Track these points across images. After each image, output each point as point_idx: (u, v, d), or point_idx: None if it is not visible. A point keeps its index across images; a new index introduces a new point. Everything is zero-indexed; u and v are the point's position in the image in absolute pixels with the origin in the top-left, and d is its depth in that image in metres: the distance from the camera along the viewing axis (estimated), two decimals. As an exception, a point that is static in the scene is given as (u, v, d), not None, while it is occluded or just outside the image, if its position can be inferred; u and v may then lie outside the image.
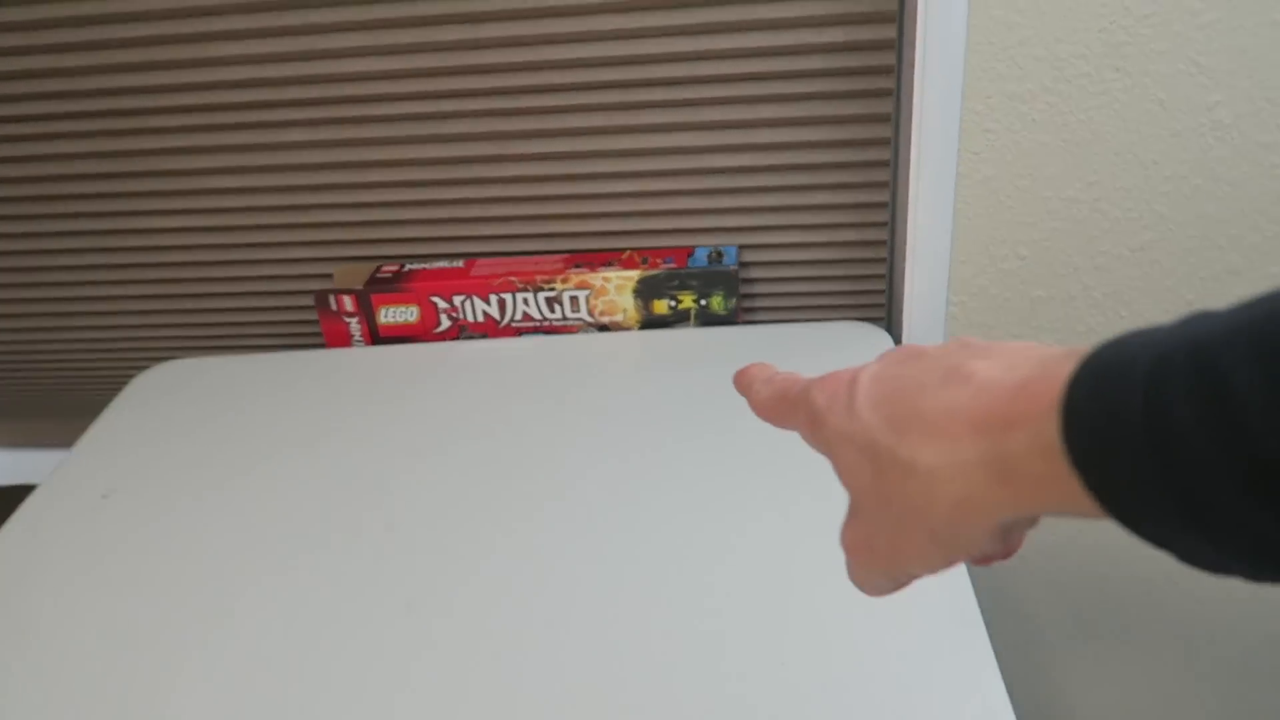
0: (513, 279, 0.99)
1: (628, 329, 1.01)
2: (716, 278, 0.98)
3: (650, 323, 1.01)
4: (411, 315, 1.02)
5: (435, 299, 1.01)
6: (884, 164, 0.95)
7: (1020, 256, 0.90)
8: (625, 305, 1.00)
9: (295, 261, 1.06)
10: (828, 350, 0.95)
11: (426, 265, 1.03)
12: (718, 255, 0.99)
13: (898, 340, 0.97)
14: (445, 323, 1.02)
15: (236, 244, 1.05)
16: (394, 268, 1.03)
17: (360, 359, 1.01)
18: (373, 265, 1.04)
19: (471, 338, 1.02)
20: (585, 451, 0.83)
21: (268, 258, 1.06)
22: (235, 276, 1.07)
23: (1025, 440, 0.26)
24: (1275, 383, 0.19)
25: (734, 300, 0.99)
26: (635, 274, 0.98)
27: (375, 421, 0.90)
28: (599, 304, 1.00)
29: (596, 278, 0.98)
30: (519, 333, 1.02)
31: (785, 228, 1.01)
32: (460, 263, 1.03)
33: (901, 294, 0.95)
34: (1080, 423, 0.24)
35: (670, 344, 0.98)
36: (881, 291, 1.02)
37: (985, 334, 0.95)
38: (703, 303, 0.99)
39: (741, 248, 1.02)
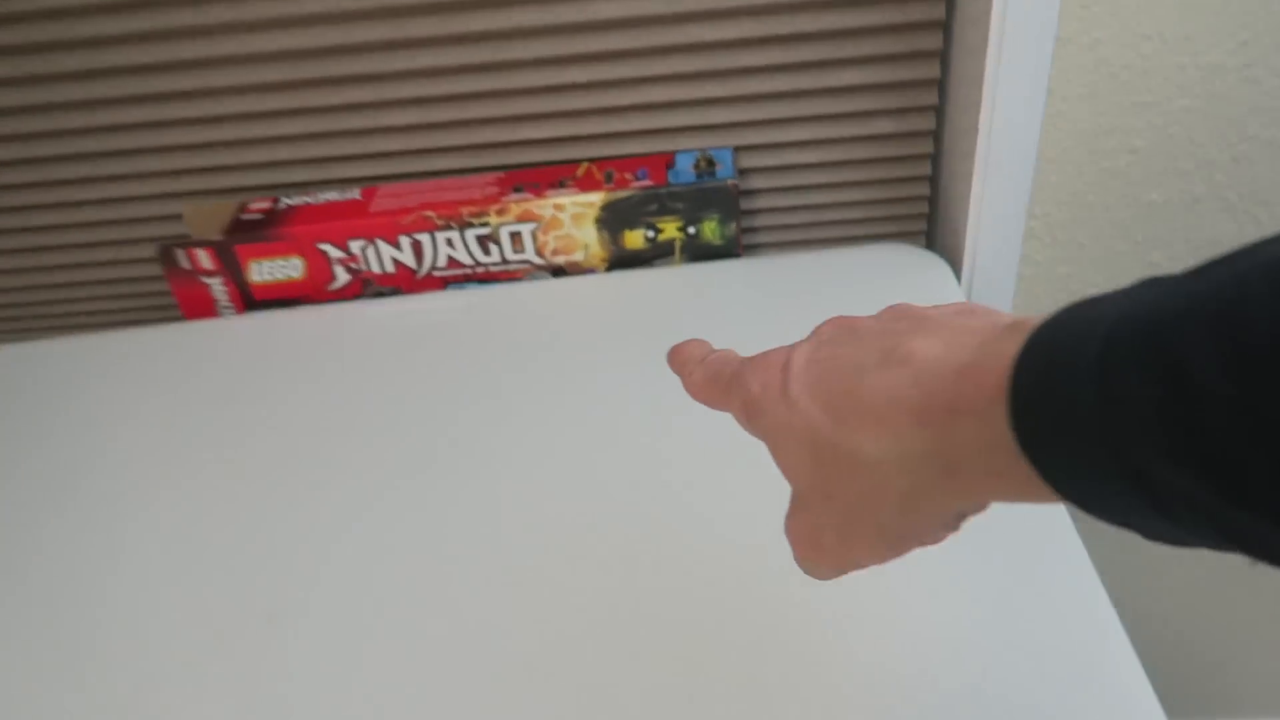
0: (429, 213, 0.72)
1: (591, 272, 0.76)
2: (709, 196, 0.72)
3: (621, 261, 0.75)
4: (294, 269, 0.74)
5: (324, 246, 0.73)
6: (935, 26, 0.68)
7: (1133, 150, 0.65)
8: (586, 240, 0.74)
9: (127, 201, 0.77)
10: (864, 284, 0.70)
11: (309, 199, 0.75)
12: (707, 164, 0.73)
13: (956, 269, 0.73)
14: (342, 277, 0.75)
15: (44, 182, 0.76)
16: (264, 204, 0.75)
17: (229, 332, 0.74)
18: (236, 202, 0.76)
19: (380, 294, 0.76)
20: (541, 443, 0.59)
21: (88, 198, 0.77)
22: (48, 226, 0.78)
23: (972, 431, 0.24)
24: (1231, 367, 0.18)
25: (733, 225, 0.73)
26: (597, 197, 0.71)
27: (253, 417, 0.65)
28: (550, 240, 0.74)
29: (544, 205, 0.72)
30: (444, 284, 0.76)
31: (795, 120, 0.74)
32: (355, 193, 0.75)
33: (956, 207, 0.71)
34: (1030, 413, 0.22)
35: (650, 289, 0.73)
36: (924, 198, 0.77)
37: (1077, 254, 0.71)
38: (691, 231, 0.73)
39: (738, 151, 0.75)
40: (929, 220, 0.79)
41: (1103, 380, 0.20)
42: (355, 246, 0.73)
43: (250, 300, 0.76)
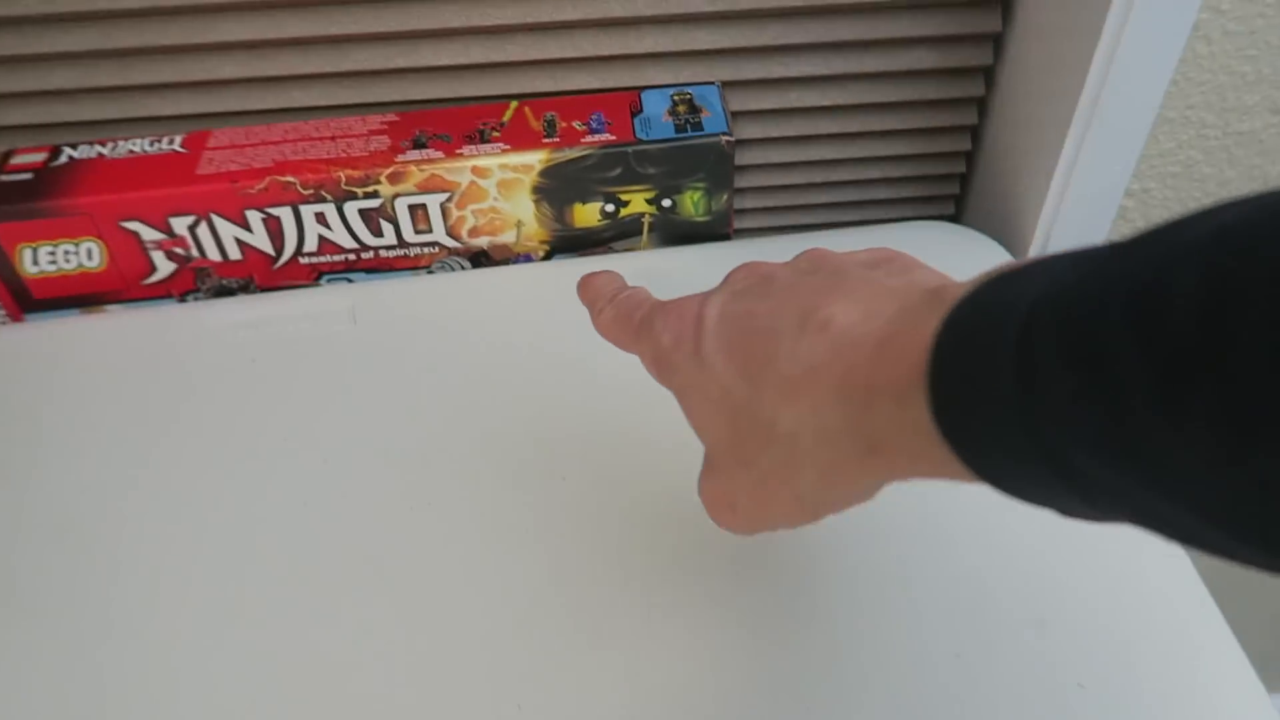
0: (289, 179, 0.49)
1: (526, 259, 0.55)
2: (692, 157, 0.51)
3: (568, 245, 0.54)
4: (90, 257, 0.51)
5: (132, 224, 0.50)
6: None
7: (1278, 109, 0.48)
8: (520, 215, 0.53)
9: None
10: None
11: (106, 150, 0.51)
12: (687, 108, 0.52)
13: (1016, 254, 0.55)
14: (164, 267, 0.52)
15: None
16: (36, 156, 0.51)
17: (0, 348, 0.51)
18: (-6, 152, 0.52)
19: (223, 290, 0.53)
20: (459, 525, 0.40)
21: None
22: None
23: (892, 412, 0.24)
24: (1149, 356, 0.17)
25: (724, 196, 0.53)
26: (535, 158, 0.50)
27: (19, 466, 0.43)
28: (468, 216, 0.52)
29: (458, 168, 0.50)
30: (316, 276, 0.54)
31: (803, 49, 0.54)
32: (176, 141, 0.52)
33: (1021, 181, 0.52)
34: (949, 399, 0.22)
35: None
36: (962, 152, 0.58)
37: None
38: (666, 204, 0.53)
39: (726, 89, 0.55)
40: (960, 194, 0.61)
41: (1021, 366, 0.20)
42: (180, 225, 0.50)
43: (26, 300, 0.52)
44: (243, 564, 0.41)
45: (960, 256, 0.54)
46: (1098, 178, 0.49)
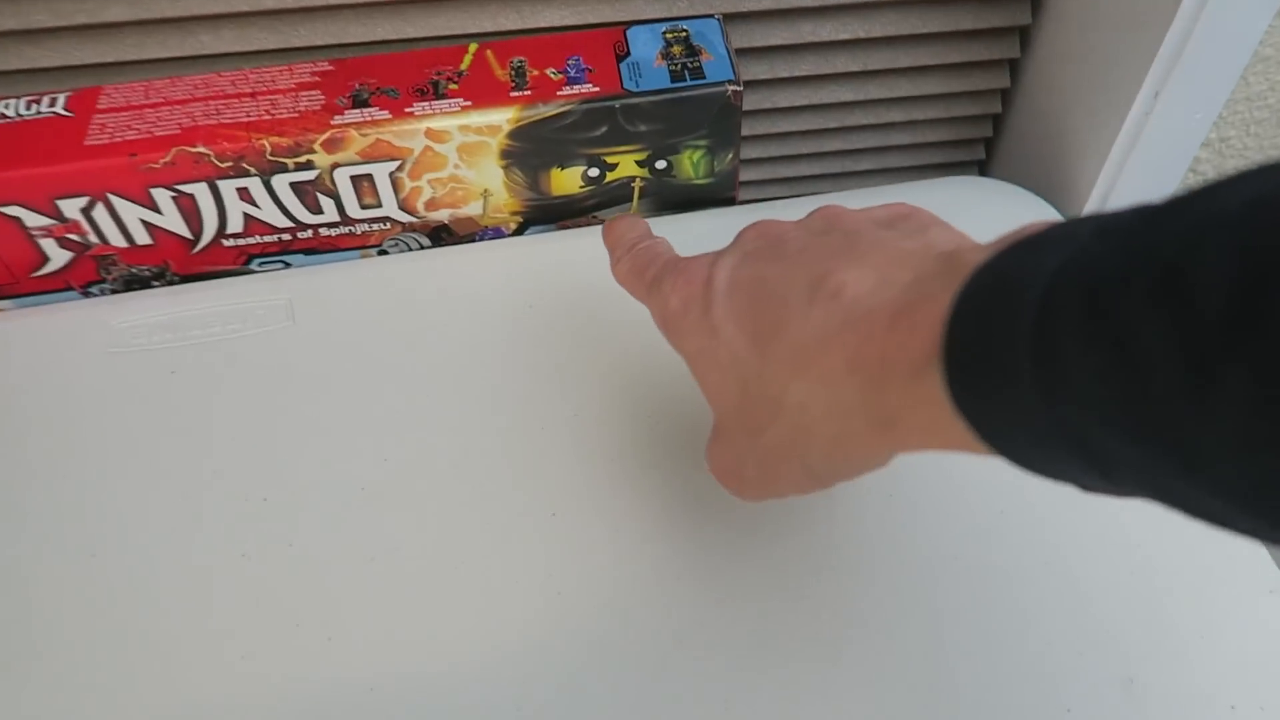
0: (201, 149, 0.40)
1: (496, 234, 0.46)
2: (691, 109, 0.43)
3: (545, 215, 0.46)
4: (-37, 249, 0.42)
5: (9, 209, 0.41)
6: None
7: (1396, 40, 0.40)
8: (486, 184, 0.44)
9: None
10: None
11: (-28, 115, 0.42)
12: (684, 50, 0.43)
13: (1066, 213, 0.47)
14: (58, 257, 0.43)
15: None
16: (-114, 127, 0.41)
17: None
18: None
19: (134, 279, 0.45)
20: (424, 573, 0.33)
21: None
22: None
23: (906, 386, 0.23)
24: (1175, 338, 0.16)
25: (730, 155, 0.45)
26: (502, 116, 0.41)
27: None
28: (424, 187, 0.43)
29: (409, 130, 0.41)
30: (244, 259, 0.45)
31: (826, -30, 0.45)
32: (60, 103, 0.42)
33: (1072, 133, 0.44)
34: (965, 375, 0.21)
35: (593, 261, 0.44)
36: (995, 93, 0.50)
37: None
38: (661, 166, 0.45)
39: (727, 22, 0.46)
40: (992, 139, 0.53)
41: (1040, 343, 0.19)
42: (70, 208, 0.41)
43: (-109, 302, 0.43)
44: (160, 635, 0.33)
45: (998, 216, 0.46)
46: (1176, 123, 0.41)
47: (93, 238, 0.42)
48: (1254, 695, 0.32)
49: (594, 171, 0.44)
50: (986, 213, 0.46)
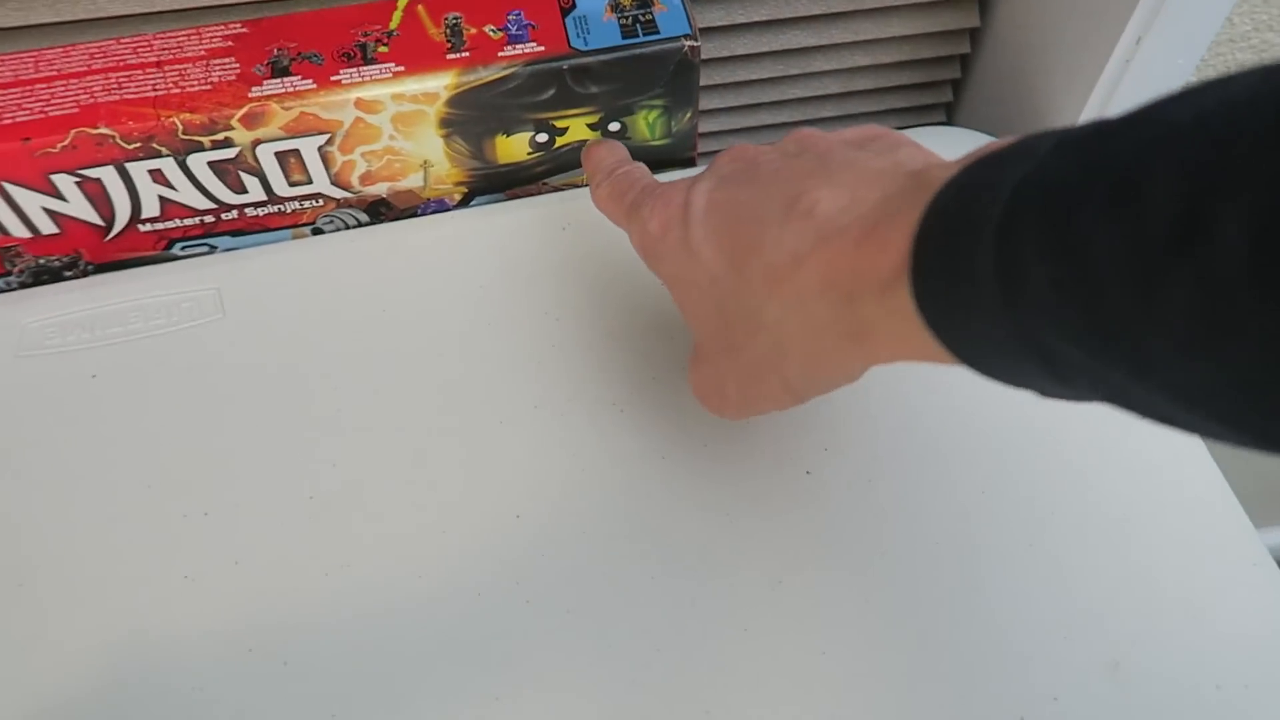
0: (104, 129, 0.36)
1: (441, 206, 0.43)
2: (646, 68, 0.39)
3: (490, 184, 0.43)
4: None
5: (-107, 204, 0.37)
6: None
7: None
8: (426, 154, 0.40)
9: None
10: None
11: None
12: (635, 1, 0.40)
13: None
14: (-47, 251, 0.39)
15: None
16: None
17: None
18: None
19: (43, 272, 0.41)
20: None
21: None
22: None
23: (876, 301, 0.24)
24: (1127, 248, 0.17)
25: (688, 115, 0.42)
26: (439, 82, 0.38)
27: None
28: (357, 160, 0.40)
29: (337, 101, 0.37)
30: (165, 245, 0.41)
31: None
32: (-62, 81, 0.37)
33: (1049, 76, 0.42)
34: (932, 290, 0.22)
35: (544, 235, 0.41)
36: (963, 35, 0.47)
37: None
38: (615, 128, 0.41)
39: (681, -35, 0.42)
40: (958, 82, 0.50)
41: (1001, 255, 0.20)
42: (-38, 199, 0.37)
43: None
44: (100, 672, 0.31)
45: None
46: (1157, 69, 0.39)
47: (-9, 229, 0.38)
48: (1239, 674, 0.32)
49: (542, 137, 0.41)
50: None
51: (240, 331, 0.39)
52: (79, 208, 0.38)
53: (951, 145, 0.45)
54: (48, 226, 0.39)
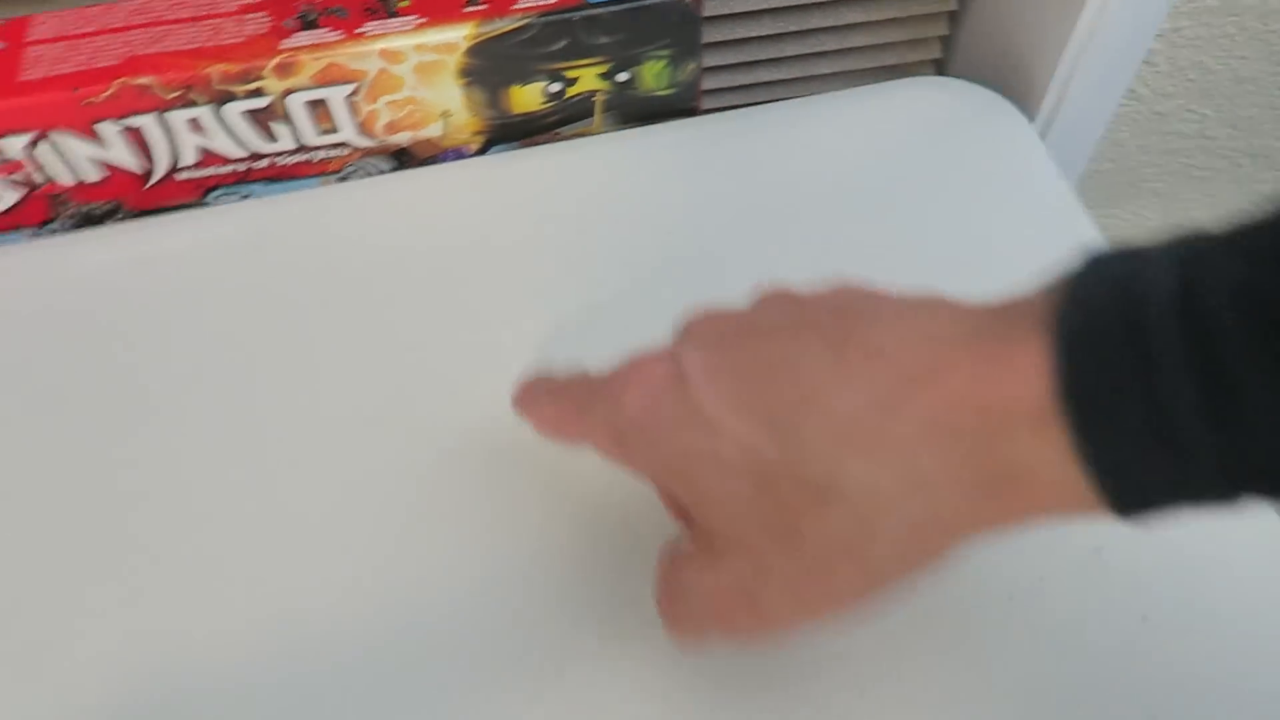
0: (144, 80, 0.39)
1: (458, 154, 0.45)
2: (652, 18, 0.42)
3: (506, 134, 0.45)
4: (-97, 195, 0.40)
5: (-50, 151, 0.39)
6: None
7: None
8: (446, 104, 0.43)
9: None
10: (915, 142, 0.44)
11: (-104, 52, 0.40)
12: (642, -45, 0.42)
13: (1031, 113, 0.47)
14: (5, 197, 0.42)
15: None
16: None
17: None
18: None
19: (91, 217, 0.43)
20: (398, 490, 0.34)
21: None
22: None
23: (1029, 439, 0.20)
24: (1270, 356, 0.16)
25: (692, 64, 0.44)
26: (458, 33, 0.40)
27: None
28: (381, 110, 0.42)
29: (363, 52, 0.40)
30: (202, 192, 0.44)
31: None
32: (-10, 36, 0.40)
33: (1027, 26, 0.44)
34: (1095, 420, 0.19)
35: (558, 178, 0.44)
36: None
37: (1188, 87, 0.47)
38: (622, 78, 0.44)
39: (684, -77, 0.44)
40: (946, 40, 0.52)
41: (1206, 371, 0.17)
42: (12, 147, 0.40)
43: None
44: (128, 602, 0.34)
45: (962, 115, 0.46)
46: (1130, 15, 0.41)
47: (38, 177, 0.41)
48: (1216, 555, 0.34)
49: (555, 87, 0.43)
50: (951, 112, 0.46)
51: (274, 270, 0.41)
52: (121, 156, 0.41)
53: (943, 94, 0.48)
54: (92, 175, 0.41)
